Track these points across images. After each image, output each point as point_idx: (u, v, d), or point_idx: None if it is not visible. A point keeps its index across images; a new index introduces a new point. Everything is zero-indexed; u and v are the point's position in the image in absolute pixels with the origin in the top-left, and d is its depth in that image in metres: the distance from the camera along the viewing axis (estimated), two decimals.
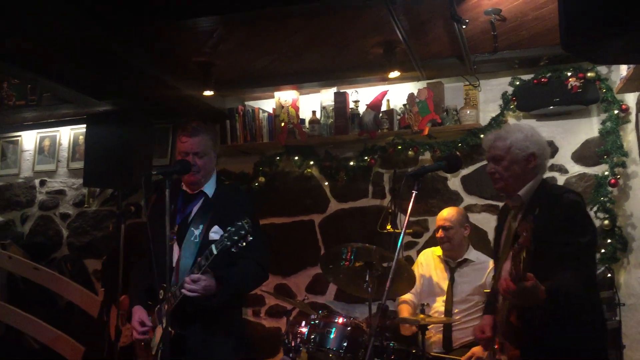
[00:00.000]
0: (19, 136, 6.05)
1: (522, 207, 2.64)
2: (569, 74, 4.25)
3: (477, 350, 3.53)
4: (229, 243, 2.60)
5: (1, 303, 4.94)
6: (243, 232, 2.59)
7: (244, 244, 2.61)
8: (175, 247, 2.85)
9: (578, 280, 2.35)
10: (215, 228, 2.88)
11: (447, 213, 4.04)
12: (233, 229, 2.60)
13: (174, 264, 2.80)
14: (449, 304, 3.90)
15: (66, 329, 4.83)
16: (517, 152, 2.61)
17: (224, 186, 3.07)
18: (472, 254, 3.99)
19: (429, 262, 4.12)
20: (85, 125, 5.00)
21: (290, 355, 3.53)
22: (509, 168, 2.63)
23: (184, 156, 2.89)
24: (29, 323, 4.85)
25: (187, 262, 2.82)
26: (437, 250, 4.13)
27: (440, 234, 4.00)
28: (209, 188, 3.00)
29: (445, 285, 3.96)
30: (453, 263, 4.00)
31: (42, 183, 5.94)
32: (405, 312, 4.01)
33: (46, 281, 5.01)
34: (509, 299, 2.39)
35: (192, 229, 2.88)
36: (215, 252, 2.63)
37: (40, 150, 5.98)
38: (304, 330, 3.54)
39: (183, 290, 2.66)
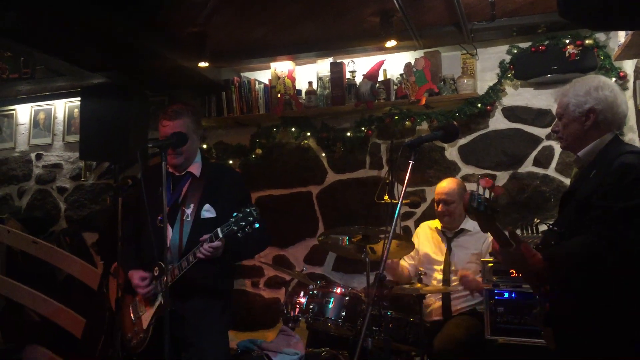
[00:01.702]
0: (14, 110, 6.00)
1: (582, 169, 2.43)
2: (567, 41, 4.22)
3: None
4: (235, 228, 2.63)
5: (1, 277, 4.97)
6: (251, 218, 2.62)
7: (250, 230, 2.63)
8: (167, 227, 2.85)
9: (595, 242, 2.09)
10: (207, 206, 2.94)
11: (447, 187, 4.01)
12: (241, 215, 2.63)
13: (168, 244, 2.84)
14: (446, 274, 3.93)
15: (66, 302, 4.86)
16: (573, 109, 2.36)
17: (210, 165, 3.12)
18: (469, 223, 4.00)
19: (426, 235, 4.13)
20: (79, 98, 4.97)
21: (290, 325, 3.57)
22: (567, 126, 2.39)
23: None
24: (29, 296, 4.88)
25: (180, 242, 2.87)
26: (434, 223, 4.14)
27: (440, 208, 4.00)
28: (195, 168, 3.03)
29: (442, 255, 3.99)
30: (450, 233, 4.02)
31: (39, 157, 5.92)
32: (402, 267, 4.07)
33: (45, 255, 5.03)
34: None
35: (184, 208, 2.92)
36: (220, 235, 2.67)
37: (35, 123, 5.94)
38: (303, 300, 3.58)
39: (198, 254, 2.71)
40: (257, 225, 2.63)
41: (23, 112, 6.00)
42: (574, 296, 2.23)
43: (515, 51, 4.43)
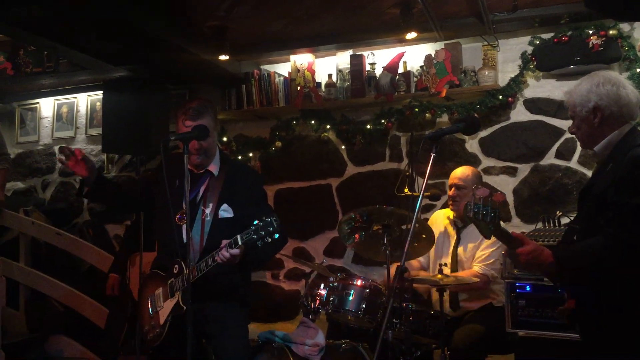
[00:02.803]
0: (37, 103, 6.09)
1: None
2: (591, 32, 4.16)
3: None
4: (255, 237, 2.59)
5: (26, 268, 5.06)
6: (271, 229, 2.58)
7: (269, 240, 2.60)
8: (185, 225, 2.86)
9: (608, 249, 2.08)
10: (225, 206, 2.92)
11: (461, 172, 3.98)
12: (261, 224, 2.59)
13: (185, 241, 2.82)
14: (453, 265, 3.87)
15: (90, 293, 4.94)
16: (579, 110, 2.37)
17: (228, 164, 3.09)
18: None
19: (438, 223, 4.09)
20: (102, 92, 5.02)
21: (310, 317, 3.58)
22: (579, 127, 2.41)
23: None
24: (53, 287, 4.96)
25: (199, 241, 2.87)
26: (448, 212, 4.10)
27: (452, 192, 3.96)
28: (214, 167, 3.01)
29: (451, 246, 3.94)
30: (460, 223, 3.97)
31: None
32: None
33: (68, 246, 5.11)
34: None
35: (202, 207, 2.91)
36: (240, 242, 2.63)
37: (58, 117, 6.02)
38: (323, 292, 3.59)
39: (217, 258, 2.69)
40: (276, 236, 2.59)
41: (46, 106, 6.08)
42: (596, 293, 2.22)
43: (538, 42, 4.38)
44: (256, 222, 2.61)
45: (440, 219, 4.12)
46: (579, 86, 2.41)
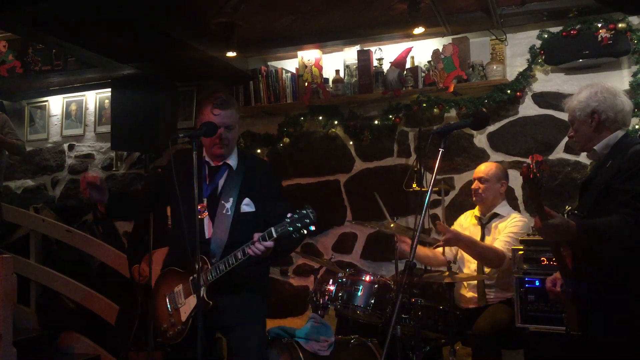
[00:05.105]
0: (46, 101, 6.12)
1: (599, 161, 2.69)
2: (599, 25, 4.13)
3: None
4: (290, 229, 2.55)
5: (37, 265, 5.09)
6: (308, 221, 2.55)
7: (305, 232, 2.57)
8: (207, 220, 2.84)
9: (623, 225, 2.33)
10: (247, 200, 2.88)
11: (486, 167, 4.00)
12: (297, 216, 2.56)
13: (208, 237, 2.81)
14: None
15: (100, 289, 4.97)
16: (579, 114, 2.65)
17: (245, 156, 3.05)
18: (504, 209, 3.94)
19: (467, 223, 4.08)
20: (110, 89, 5.04)
21: (319, 312, 3.59)
22: (578, 130, 2.68)
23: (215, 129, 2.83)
24: (64, 284, 5.00)
25: (222, 235, 2.81)
26: (475, 211, 4.09)
27: (475, 185, 3.97)
28: (232, 160, 2.97)
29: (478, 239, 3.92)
30: (485, 219, 3.96)
31: (71, 147, 6.03)
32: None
33: (79, 243, 5.14)
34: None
35: (223, 202, 2.86)
36: (274, 235, 2.58)
37: (67, 114, 6.05)
38: (332, 288, 3.60)
39: (248, 251, 2.63)
40: (311, 228, 2.55)
41: (55, 104, 6.11)
42: (598, 280, 2.44)
43: (546, 36, 4.36)
44: (290, 214, 2.57)
45: (466, 220, 4.10)
46: (578, 94, 2.69)
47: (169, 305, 2.89)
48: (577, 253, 2.53)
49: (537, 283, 3.45)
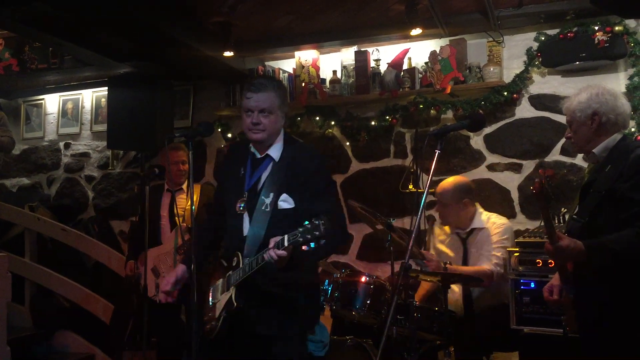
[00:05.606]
0: (42, 99, 6.10)
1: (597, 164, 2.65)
2: (596, 28, 4.14)
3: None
4: (300, 240, 2.35)
5: (32, 263, 5.08)
6: (317, 233, 2.33)
7: (316, 245, 2.35)
8: (245, 216, 2.72)
9: (637, 240, 2.29)
10: (284, 196, 2.68)
11: (441, 188, 3.89)
12: (309, 227, 2.34)
13: (245, 233, 2.70)
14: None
15: (95, 288, 4.96)
16: (579, 115, 2.61)
17: (292, 148, 2.81)
18: (479, 220, 3.88)
19: (443, 234, 4.06)
20: (106, 88, 5.02)
21: None
22: (577, 131, 2.64)
23: (247, 114, 2.70)
24: (59, 283, 4.98)
25: (259, 233, 2.66)
26: (446, 228, 4.07)
27: (437, 208, 3.95)
28: (275, 151, 2.77)
29: (460, 258, 3.89)
30: (463, 234, 3.92)
31: (67, 146, 6.02)
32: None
33: (74, 242, 5.13)
34: (552, 259, 2.48)
35: (263, 197, 2.69)
36: (286, 243, 2.39)
37: (63, 113, 6.04)
38: (328, 288, 3.59)
39: (266, 255, 2.48)
40: (322, 242, 2.34)
41: (51, 102, 6.09)
42: (601, 287, 2.40)
43: (543, 38, 4.37)
44: (307, 222, 2.36)
45: (444, 229, 4.07)
46: (578, 95, 2.64)
47: (210, 298, 2.79)
48: (585, 273, 2.49)
49: (532, 285, 3.45)
